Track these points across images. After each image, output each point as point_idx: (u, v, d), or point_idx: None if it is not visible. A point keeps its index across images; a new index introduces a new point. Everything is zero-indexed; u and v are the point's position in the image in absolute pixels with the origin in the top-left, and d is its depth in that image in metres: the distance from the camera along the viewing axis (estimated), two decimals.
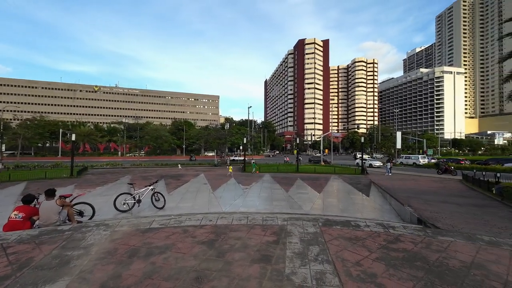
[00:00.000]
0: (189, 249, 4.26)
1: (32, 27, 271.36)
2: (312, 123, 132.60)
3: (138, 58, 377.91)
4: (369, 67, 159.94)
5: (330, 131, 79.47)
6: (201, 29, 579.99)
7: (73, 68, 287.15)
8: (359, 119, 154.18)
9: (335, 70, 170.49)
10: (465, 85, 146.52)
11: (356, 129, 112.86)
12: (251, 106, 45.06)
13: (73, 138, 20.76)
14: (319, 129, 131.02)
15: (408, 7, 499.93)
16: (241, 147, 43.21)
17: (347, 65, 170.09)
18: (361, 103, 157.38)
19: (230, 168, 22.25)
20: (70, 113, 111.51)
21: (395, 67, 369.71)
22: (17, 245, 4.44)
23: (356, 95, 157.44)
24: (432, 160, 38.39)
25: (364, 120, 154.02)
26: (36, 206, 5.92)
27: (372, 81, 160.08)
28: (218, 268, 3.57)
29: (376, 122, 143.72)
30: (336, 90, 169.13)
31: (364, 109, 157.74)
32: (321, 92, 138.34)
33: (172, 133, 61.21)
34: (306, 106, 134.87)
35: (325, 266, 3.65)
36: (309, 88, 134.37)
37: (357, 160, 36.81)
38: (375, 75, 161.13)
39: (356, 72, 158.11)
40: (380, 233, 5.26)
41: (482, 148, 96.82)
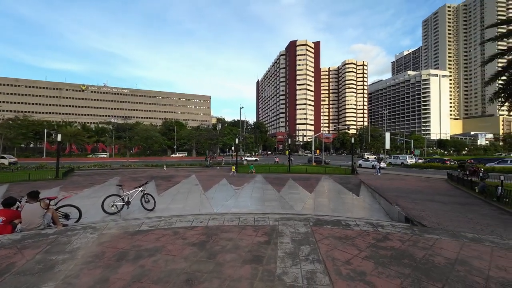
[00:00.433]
0: (180, 251, 4.20)
1: (13, 22, 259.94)
2: (303, 123, 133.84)
3: (127, 57, 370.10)
4: (359, 69, 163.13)
5: (321, 131, 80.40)
6: (192, 29, 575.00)
7: (58, 66, 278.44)
8: (350, 120, 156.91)
9: (326, 71, 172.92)
10: (450, 87, 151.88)
11: (346, 130, 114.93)
12: (243, 107, 45.06)
13: (59, 138, 20.08)
14: (310, 130, 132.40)
15: (396, 11, 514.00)
16: (233, 147, 43.12)
17: (338, 67, 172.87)
18: (351, 104, 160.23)
19: (233, 168, 23.15)
20: (56, 113, 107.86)
21: (384, 69, 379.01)
22: None
23: (347, 96, 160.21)
24: (419, 160, 39.31)
25: (354, 121, 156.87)
26: (19, 209, 5.68)
27: (362, 83, 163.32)
28: (209, 269, 3.54)
29: (365, 123, 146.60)
30: (327, 92, 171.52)
31: (354, 110, 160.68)
32: (313, 93, 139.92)
33: (163, 133, 60.27)
34: (298, 107, 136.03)
35: (316, 266, 3.69)
36: (300, 89, 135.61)
37: (361, 161, 34.28)
38: (365, 77, 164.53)
39: (346, 74, 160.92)
40: (370, 232, 5.37)
41: (466, 149, 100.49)
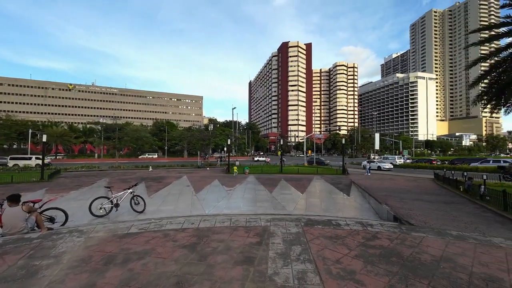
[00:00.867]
0: (170, 254, 4.14)
1: None
2: (295, 124, 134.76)
3: (116, 56, 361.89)
4: (349, 71, 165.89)
5: (313, 132, 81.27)
6: (183, 28, 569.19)
7: (44, 64, 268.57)
8: (341, 121, 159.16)
9: (318, 73, 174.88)
10: (437, 90, 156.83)
11: (337, 131, 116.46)
12: (235, 107, 45.07)
13: (44, 139, 19.43)
14: (302, 131, 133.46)
15: (384, 15, 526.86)
16: (225, 148, 42.96)
17: (329, 69, 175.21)
18: (342, 105, 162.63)
19: (235, 168, 23.33)
20: (41, 113, 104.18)
21: (374, 71, 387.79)
22: None
23: (338, 97, 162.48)
24: (408, 161, 40.03)
25: (345, 122, 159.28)
26: None
27: (352, 85, 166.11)
28: (199, 271, 3.51)
29: (356, 124, 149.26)
30: (318, 93, 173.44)
31: (345, 112, 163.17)
32: (304, 95, 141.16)
33: (154, 134, 59.25)
34: (290, 108, 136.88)
35: (307, 266, 3.72)
36: (292, 90, 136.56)
37: (365, 162, 31.54)
38: (355, 79, 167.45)
39: (337, 75, 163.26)
40: (359, 231, 5.46)
41: (452, 149, 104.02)
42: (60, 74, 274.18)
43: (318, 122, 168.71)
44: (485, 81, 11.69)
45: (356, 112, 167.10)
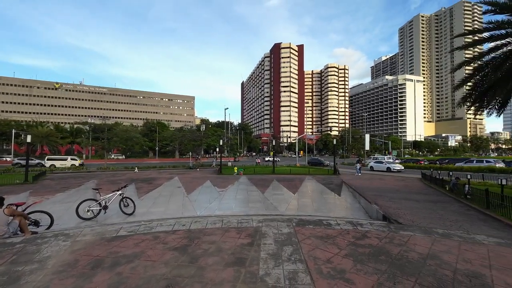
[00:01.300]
0: (160, 256, 4.08)
1: None
2: (287, 125, 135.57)
3: (105, 55, 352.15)
4: (340, 73, 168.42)
5: (305, 133, 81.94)
6: (174, 28, 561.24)
7: (28, 62, 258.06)
8: (332, 122, 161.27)
9: (309, 74, 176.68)
10: (424, 92, 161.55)
11: (329, 132, 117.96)
12: (227, 108, 45.13)
13: (29, 139, 18.72)
14: (294, 131, 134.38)
15: (375, 18, 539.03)
16: (217, 149, 42.73)
17: (321, 70, 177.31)
18: (333, 106, 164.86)
19: (236, 169, 23.77)
20: (26, 112, 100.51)
21: (364, 73, 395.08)
22: None
23: (329, 99, 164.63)
24: (397, 161, 41.31)
25: (336, 123, 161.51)
26: None
27: (343, 86, 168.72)
28: (190, 274, 3.47)
29: (347, 125, 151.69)
30: (310, 94, 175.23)
31: (336, 113, 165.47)
32: (296, 96, 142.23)
33: (144, 134, 58.19)
34: (282, 108, 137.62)
35: (298, 266, 3.75)
36: (285, 91, 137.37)
37: (372, 162, 31.81)
38: (346, 81, 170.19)
39: (328, 77, 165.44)
40: (349, 231, 5.54)
41: (438, 149, 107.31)
42: (46, 73, 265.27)
43: (310, 123, 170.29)
44: (469, 84, 12.12)
45: (347, 113, 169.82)
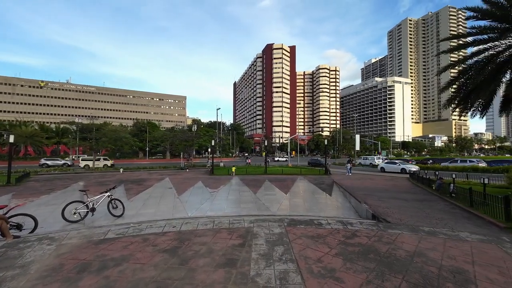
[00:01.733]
0: (149, 259, 4.01)
1: None
2: (280, 125, 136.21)
3: (93, 52, 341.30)
4: (331, 74, 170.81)
5: (297, 133, 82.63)
6: (166, 26, 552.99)
7: (10, 59, 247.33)
8: (323, 123, 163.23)
9: (301, 75, 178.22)
10: (412, 93, 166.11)
11: (320, 132, 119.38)
12: (219, 108, 44.70)
13: (11, 139, 18.00)
14: (286, 132, 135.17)
15: (364, 21, 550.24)
16: (209, 149, 42.44)
17: (312, 71, 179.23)
18: (325, 107, 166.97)
19: (233, 169, 24.05)
20: (8, 111, 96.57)
21: (355, 75, 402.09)
22: None
23: (320, 100, 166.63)
24: (386, 161, 42.22)
25: (328, 123, 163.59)
26: None
27: (334, 87, 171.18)
28: (180, 276, 3.42)
29: (338, 126, 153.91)
30: (302, 95, 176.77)
31: (328, 113, 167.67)
32: (289, 96, 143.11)
33: (134, 134, 56.97)
34: (274, 109, 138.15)
35: (289, 265, 3.77)
36: (277, 92, 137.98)
37: (383, 163, 29.94)
38: (337, 82, 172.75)
39: (320, 78, 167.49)
40: (340, 230, 5.62)
41: (425, 150, 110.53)
42: (30, 70, 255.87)
43: (302, 123, 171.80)
44: (454, 86, 12.55)
45: (338, 114, 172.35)
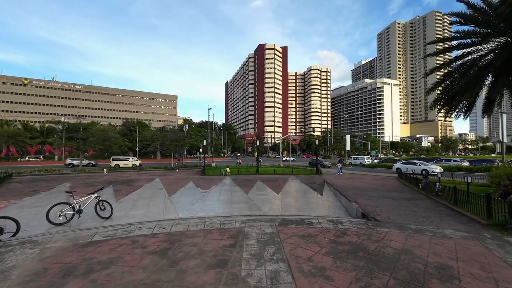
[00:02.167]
0: (138, 261, 3.93)
1: None
2: (272, 126, 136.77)
3: (80, 50, 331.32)
4: (323, 75, 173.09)
5: (289, 133, 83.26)
6: (157, 25, 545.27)
7: None
8: (315, 123, 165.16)
9: (293, 76, 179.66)
10: (400, 95, 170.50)
11: (312, 132, 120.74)
12: (211, 108, 44.32)
13: None
14: (278, 132, 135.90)
15: (355, 23, 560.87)
16: (201, 149, 42.09)
17: (304, 72, 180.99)
18: (316, 108, 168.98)
19: (228, 169, 24.10)
20: None
21: (346, 76, 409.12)
22: None
23: (312, 100, 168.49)
24: (375, 161, 43.33)
25: (319, 124, 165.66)
26: None
27: (326, 88, 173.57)
28: (170, 278, 3.37)
29: (329, 126, 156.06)
30: (294, 95, 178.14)
31: (319, 114, 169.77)
32: (280, 96, 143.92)
33: (123, 134, 55.71)
34: (267, 109, 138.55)
35: (280, 265, 3.78)
36: (269, 92, 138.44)
37: (399, 164, 27.37)
38: (328, 83, 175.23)
39: (311, 79, 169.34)
40: (330, 229, 5.69)
41: (413, 149, 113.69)
42: (13, 67, 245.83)
43: (294, 123, 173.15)
44: (440, 88, 12.97)
45: (329, 115, 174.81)
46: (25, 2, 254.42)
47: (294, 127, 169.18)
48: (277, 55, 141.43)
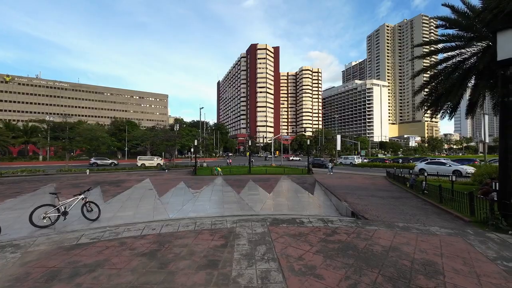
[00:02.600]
0: (126, 263, 3.84)
1: None
2: (264, 126, 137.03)
3: (66, 46, 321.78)
4: (314, 75, 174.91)
5: (281, 133, 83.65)
6: (146, 22, 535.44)
7: None
8: (306, 123, 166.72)
9: (285, 76, 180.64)
10: (389, 96, 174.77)
11: (303, 133, 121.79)
12: (203, 107, 43.99)
13: None
14: (270, 132, 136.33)
15: (345, 25, 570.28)
16: (192, 149, 41.67)
17: (296, 73, 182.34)
18: (307, 108, 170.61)
19: (219, 169, 23.98)
20: None
21: (337, 76, 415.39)
22: None
23: (303, 100, 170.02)
24: (365, 160, 44.22)
25: (310, 124, 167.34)
26: None
27: (317, 89, 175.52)
28: (159, 280, 3.32)
29: (320, 126, 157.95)
30: (286, 95, 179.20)
31: (310, 114, 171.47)
32: (272, 97, 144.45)
33: (112, 134, 54.35)
34: (259, 109, 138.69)
35: (271, 264, 3.79)
36: (261, 92, 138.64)
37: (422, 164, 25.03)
38: (320, 83, 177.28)
39: (303, 79, 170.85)
40: (321, 228, 5.75)
41: (401, 149, 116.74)
42: None
43: (286, 123, 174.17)
44: (426, 90, 13.35)
45: (320, 115, 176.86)
46: None
47: (286, 127, 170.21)
48: (269, 55, 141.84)
